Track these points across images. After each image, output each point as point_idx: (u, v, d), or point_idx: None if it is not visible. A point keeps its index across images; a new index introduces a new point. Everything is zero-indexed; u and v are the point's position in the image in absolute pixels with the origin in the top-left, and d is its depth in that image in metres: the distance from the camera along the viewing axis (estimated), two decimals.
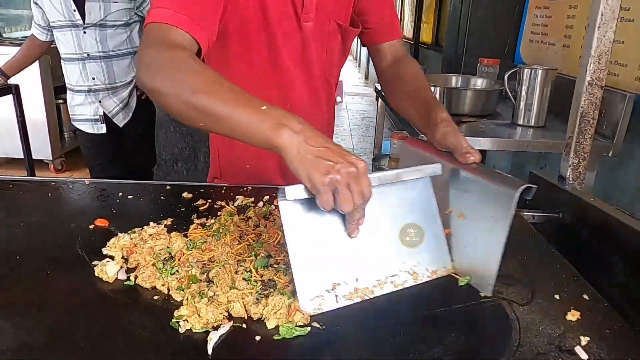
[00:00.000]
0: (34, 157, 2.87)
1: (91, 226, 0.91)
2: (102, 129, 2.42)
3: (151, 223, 0.91)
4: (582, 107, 1.04)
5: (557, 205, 1.06)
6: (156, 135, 2.91)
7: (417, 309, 0.71)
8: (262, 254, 0.80)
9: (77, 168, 4.17)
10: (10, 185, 1.10)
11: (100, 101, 2.38)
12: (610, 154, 1.67)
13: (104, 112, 2.40)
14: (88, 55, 2.30)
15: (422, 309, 0.70)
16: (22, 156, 2.80)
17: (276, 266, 0.77)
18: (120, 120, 2.46)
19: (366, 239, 0.74)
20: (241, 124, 0.68)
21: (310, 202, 0.68)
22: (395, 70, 1.15)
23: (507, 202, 0.71)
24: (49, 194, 1.06)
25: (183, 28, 0.83)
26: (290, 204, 0.68)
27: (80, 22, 2.24)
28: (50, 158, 3.95)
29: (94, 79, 2.33)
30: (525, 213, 1.06)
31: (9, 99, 2.56)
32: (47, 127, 3.83)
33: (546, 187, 1.12)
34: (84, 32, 2.27)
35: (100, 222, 0.92)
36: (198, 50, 0.86)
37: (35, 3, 2.30)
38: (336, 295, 0.70)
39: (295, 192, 0.66)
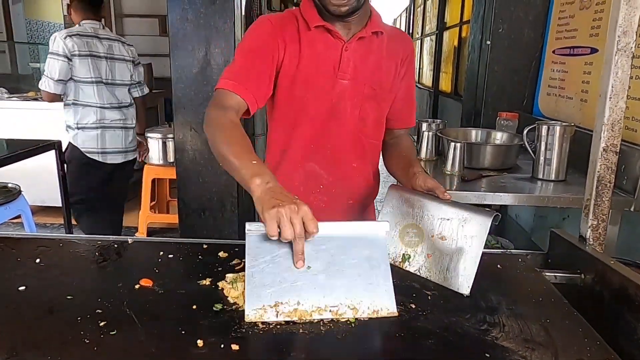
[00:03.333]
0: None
1: (137, 286, 0.98)
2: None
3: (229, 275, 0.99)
4: (598, 172, 1.09)
5: (579, 266, 1.10)
6: (184, 186, 3.03)
7: None
8: None
9: None
10: (60, 244, 1.18)
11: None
12: (632, 209, 1.69)
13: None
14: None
15: None
16: (55, 204, 2.93)
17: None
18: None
19: (315, 272, 0.92)
20: (237, 170, 0.99)
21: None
22: (395, 142, 1.43)
23: (483, 225, 1.00)
24: (96, 253, 1.15)
25: (234, 91, 1.16)
26: (253, 236, 0.94)
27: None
28: None
29: None
30: (547, 273, 1.10)
31: (51, 153, 2.73)
32: None
33: (567, 247, 1.16)
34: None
35: (145, 282, 0.99)
36: (248, 107, 1.18)
37: None
38: (277, 312, 0.87)
39: (253, 226, 0.93)
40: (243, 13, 2.97)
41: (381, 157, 1.45)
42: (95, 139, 2.93)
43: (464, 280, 0.99)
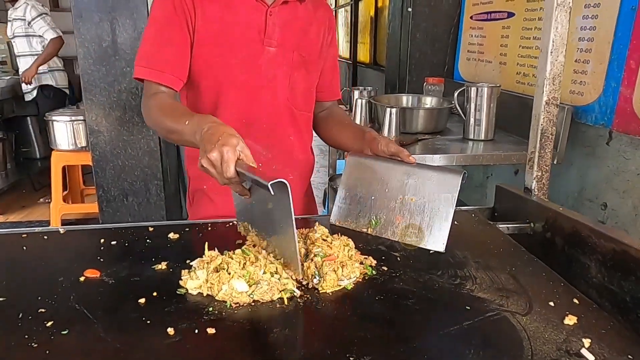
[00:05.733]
0: None
1: (82, 278, 0.87)
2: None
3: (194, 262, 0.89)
4: (541, 125, 1.13)
5: (527, 216, 1.15)
6: (102, 171, 2.80)
7: (431, 329, 0.74)
8: None
9: (12, 210, 3.90)
10: None
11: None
12: (555, 162, 1.82)
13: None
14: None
15: (436, 328, 0.74)
16: None
17: None
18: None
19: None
20: (183, 137, 1.00)
21: None
22: (328, 113, 1.41)
23: (453, 184, 1.02)
24: (24, 247, 1.00)
25: (156, 81, 1.15)
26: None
27: None
28: None
29: None
30: (500, 225, 1.14)
31: None
32: None
33: (514, 199, 1.21)
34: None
35: (91, 273, 0.88)
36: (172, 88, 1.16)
37: None
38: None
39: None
40: None
41: (314, 131, 1.42)
42: None
43: (438, 238, 0.99)
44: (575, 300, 0.80)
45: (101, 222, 2.90)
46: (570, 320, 0.74)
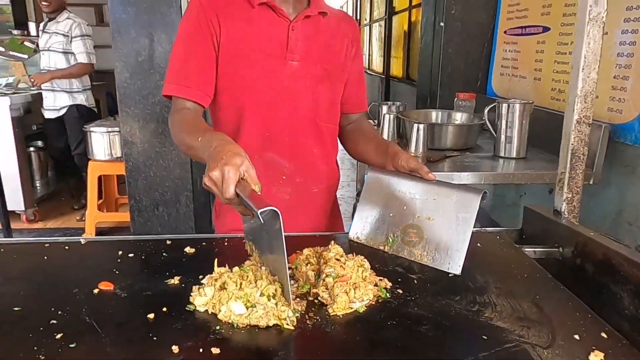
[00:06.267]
0: (7, 208, 2.78)
1: (95, 290, 0.88)
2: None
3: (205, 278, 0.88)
4: (572, 144, 1.08)
5: (556, 240, 1.09)
6: (134, 181, 2.87)
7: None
8: None
9: (50, 217, 4.04)
10: (2, 250, 1.05)
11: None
12: (591, 182, 1.74)
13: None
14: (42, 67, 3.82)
15: (450, 359, 0.70)
16: None
17: None
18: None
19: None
20: (196, 149, 1.00)
21: None
22: (355, 126, 1.39)
23: (472, 204, 0.97)
24: (45, 257, 1.02)
25: (183, 96, 1.17)
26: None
27: None
28: (23, 209, 3.82)
29: None
30: (526, 249, 1.09)
31: None
32: (19, 178, 3.72)
33: (542, 221, 1.15)
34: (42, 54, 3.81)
35: (105, 286, 0.89)
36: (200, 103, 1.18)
37: None
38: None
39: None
40: None
41: (341, 144, 1.41)
42: None
43: (454, 260, 0.96)
44: (604, 334, 0.75)
45: (132, 231, 2.96)
46: (597, 356, 0.69)
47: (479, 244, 1.10)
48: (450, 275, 0.95)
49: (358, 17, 8.95)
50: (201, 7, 1.16)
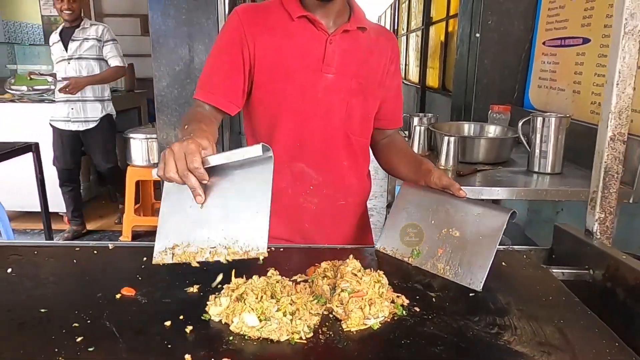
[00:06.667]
0: (49, 210, 2.91)
1: (118, 295, 0.90)
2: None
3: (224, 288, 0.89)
4: (605, 162, 1.04)
5: (586, 261, 1.05)
6: None
7: None
8: None
9: (91, 219, 4.19)
10: (35, 252, 1.10)
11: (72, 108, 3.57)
12: (630, 200, 1.66)
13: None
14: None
15: None
16: (37, 209, 2.84)
17: None
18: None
19: (206, 212, 0.88)
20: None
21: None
22: (389, 141, 1.39)
23: (499, 222, 0.97)
24: (74, 260, 1.06)
25: (206, 101, 1.19)
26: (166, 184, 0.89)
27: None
28: (65, 210, 3.98)
29: None
30: (554, 270, 1.05)
31: (28, 155, 2.62)
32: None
33: (573, 242, 1.11)
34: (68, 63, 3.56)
35: (127, 291, 0.91)
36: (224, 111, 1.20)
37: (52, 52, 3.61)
38: (172, 254, 0.89)
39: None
40: (227, 8, 2.89)
41: (374, 157, 1.40)
42: None
43: (476, 276, 0.94)
44: None
45: None
46: None
47: (504, 263, 1.07)
48: (470, 295, 0.93)
49: (395, 27, 8.92)
50: (238, 20, 1.19)
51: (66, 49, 3.58)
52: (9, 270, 1.00)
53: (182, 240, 0.89)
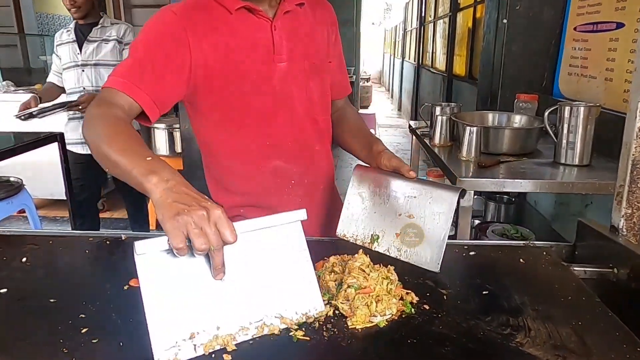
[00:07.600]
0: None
1: (125, 287, 0.91)
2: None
3: None
4: (632, 155, 0.98)
5: (611, 259, 0.99)
6: (191, 176, 2.97)
7: None
8: None
9: (118, 208, 4.28)
10: (50, 242, 1.12)
11: None
12: None
13: None
14: (84, 88, 2.86)
15: None
16: (62, 197, 2.91)
17: None
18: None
19: (231, 286, 0.76)
20: (127, 171, 0.80)
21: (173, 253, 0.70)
22: (340, 114, 1.36)
23: (450, 202, 0.98)
24: (87, 251, 1.08)
25: (123, 91, 0.98)
26: (146, 258, 0.70)
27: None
28: None
29: None
30: (575, 268, 1.00)
31: (54, 145, 2.67)
32: None
33: (597, 238, 1.05)
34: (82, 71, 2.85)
35: (135, 283, 0.91)
36: (143, 111, 1.01)
37: (56, 54, 2.92)
38: (194, 345, 0.71)
39: (145, 245, 0.69)
40: None
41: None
42: None
43: (433, 258, 0.96)
44: None
45: None
46: None
47: (521, 260, 1.03)
48: (484, 292, 0.89)
49: (423, 14, 8.73)
50: (174, 18, 1.05)
51: (80, 51, 2.87)
52: (24, 259, 1.02)
53: (203, 325, 0.72)
